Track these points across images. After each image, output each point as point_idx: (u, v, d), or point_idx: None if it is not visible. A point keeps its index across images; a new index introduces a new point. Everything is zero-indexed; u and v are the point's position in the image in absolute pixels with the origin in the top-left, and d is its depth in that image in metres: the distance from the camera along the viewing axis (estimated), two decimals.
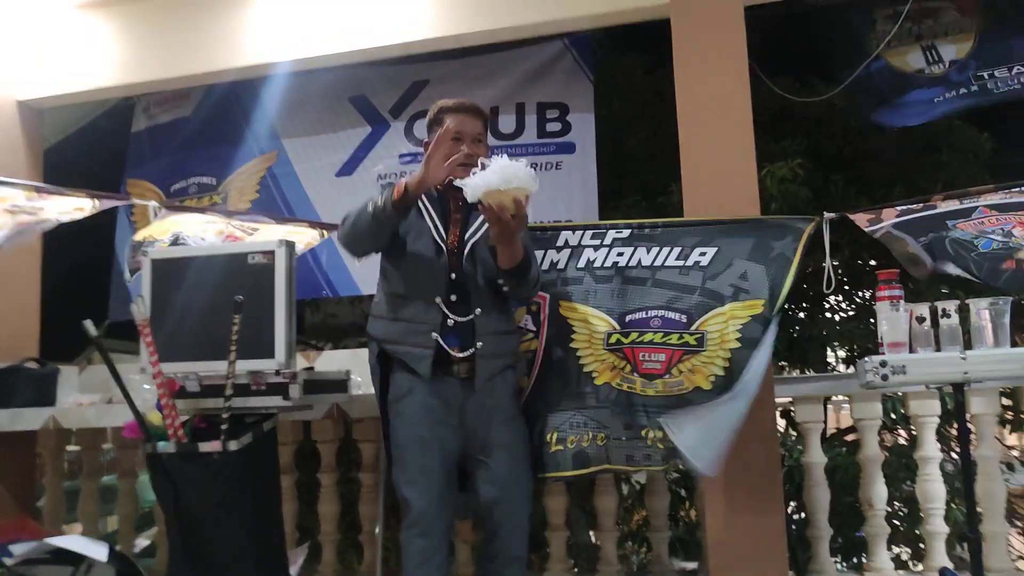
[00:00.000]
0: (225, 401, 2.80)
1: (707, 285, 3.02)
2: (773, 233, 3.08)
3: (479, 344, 2.65)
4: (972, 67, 4.08)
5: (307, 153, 4.91)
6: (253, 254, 2.97)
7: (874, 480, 3.44)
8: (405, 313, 2.70)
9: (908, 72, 4.20)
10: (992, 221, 3.03)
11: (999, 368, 2.48)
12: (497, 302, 2.75)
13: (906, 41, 4.21)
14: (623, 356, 3.01)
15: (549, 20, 3.97)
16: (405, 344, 2.68)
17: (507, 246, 2.57)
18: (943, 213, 3.10)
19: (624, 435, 2.96)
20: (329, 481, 3.82)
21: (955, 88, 4.11)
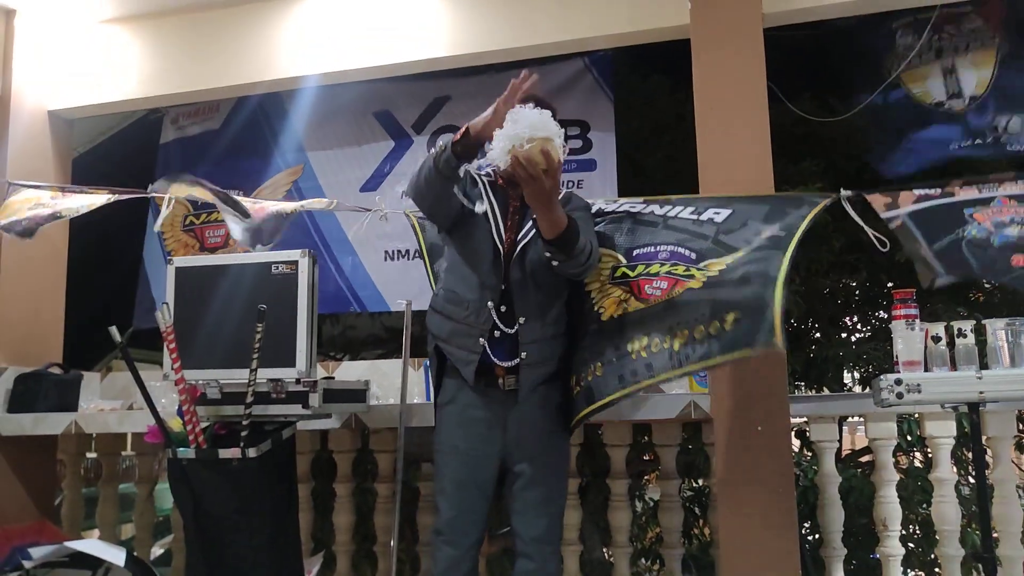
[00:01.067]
0: (246, 408, 2.84)
1: (720, 237, 2.85)
2: (789, 203, 2.99)
3: (523, 354, 2.63)
4: (990, 109, 4.08)
5: (332, 167, 4.98)
6: (276, 264, 3.03)
7: (889, 500, 3.43)
8: (458, 313, 2.68)
9: (927, 104, 4.21)
10: (1011, 210, 2.97)
11: (1015, 389, 2.48)
12: (544, 306, 2.70)
13: (927, 59, 4.22)
14: (627, 288, 2.82)
15: (569, 39, 4.02)
16: (453, 344, 2.68)
17: (544, 208, 2.43)
18: (961, 202, 3.04)
19: (614, 356, 2.74)
20: (345, 491, 3.84)
21: (972, 137, 4.11)
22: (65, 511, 4.16)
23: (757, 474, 3.25)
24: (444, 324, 2.71)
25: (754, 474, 3.25)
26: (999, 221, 2.98)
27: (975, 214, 3.03)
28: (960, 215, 3.04)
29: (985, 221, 2.99)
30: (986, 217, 3.01)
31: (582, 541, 3.70)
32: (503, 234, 2.67)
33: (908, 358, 2.62)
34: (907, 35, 4.21)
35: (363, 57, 4.25)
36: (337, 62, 4.28)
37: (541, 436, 2.71)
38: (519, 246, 2.67)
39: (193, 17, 4.46)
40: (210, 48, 4.44)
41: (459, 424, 2.68)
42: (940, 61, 4.20)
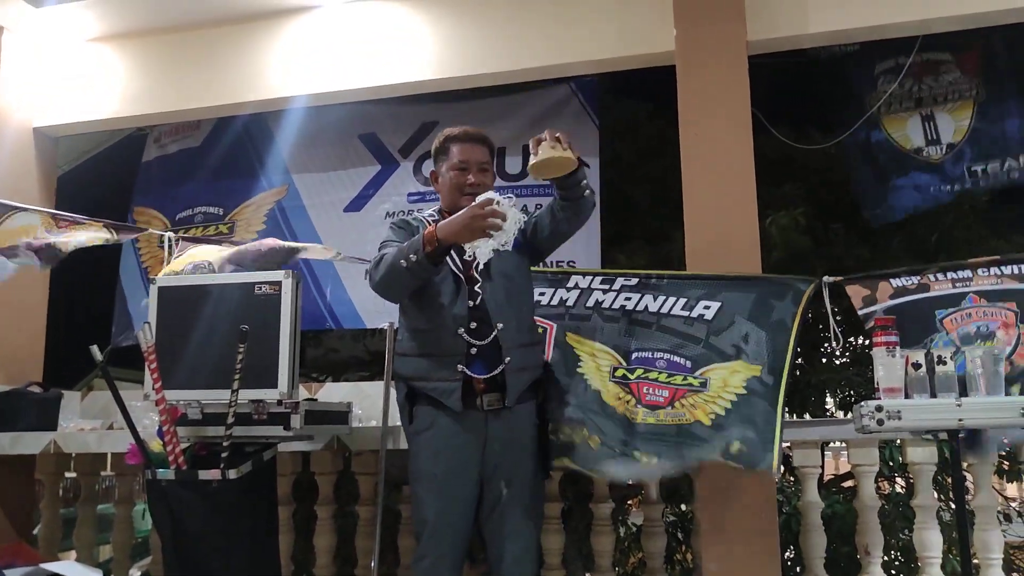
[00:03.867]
0: (226, 429, 2.82)
1: (711, 340, 3.13)
2: (774, 292, 3.19)
3: (507, 359, 2.65)
4: (967, 158, 4.19)
5: (316, 188, 4.97)
6: (260, 284, 3.01)
7: (871, 526, 3.44)
8: (429, 348, 2.69)
9: (907, 151, 4.30)
10: (979, 315, 3.12)
11: (993, 416, 2.50)
12: (518, 313, 2.75)
13: (907, 106, 4.31)
14: (628, 390, 3.07)
15: (556, 64, 4.07)
16: (432, 379, 2.67)
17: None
18: (933, 299, 3.21)
19: (618, 448, 2.96)
20: (326, 513, 3.81)
21: (950, 183, 4.23)
22: (42, 532, 4.10)
23: (740, 499, 3.25)
24: (417, 363, 2.72)
25: (737, 499, 3.25)
26: (965, 333, 3.12)
27: (945, 320, 3.18)
28: (932, 320, 3.19)
29: (953, 332, 3.14)
30: (955, 327, 3.16)
31: (565, 566, 3.68)
32: (459, 263, 2.72)
33: (889, 385, 2.63)
34: (889, 77, 4.32)
35: (350, 79, 4.28)
36: (324, 83, 4.31)
37: (522, 456, 2.72)
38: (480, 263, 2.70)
39: (180, 36, 4.48)
40: (196, 67, 4.45)
41: (438, 451, 2.67)
42: (919, 109, 4.31)
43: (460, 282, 2.70)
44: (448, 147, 2.79)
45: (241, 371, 2.81)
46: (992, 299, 3.19)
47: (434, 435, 2.68)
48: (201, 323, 3.03)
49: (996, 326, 3.12)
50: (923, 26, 3.80)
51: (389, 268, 2.60)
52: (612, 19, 3.95)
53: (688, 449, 2.94)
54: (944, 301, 3.23)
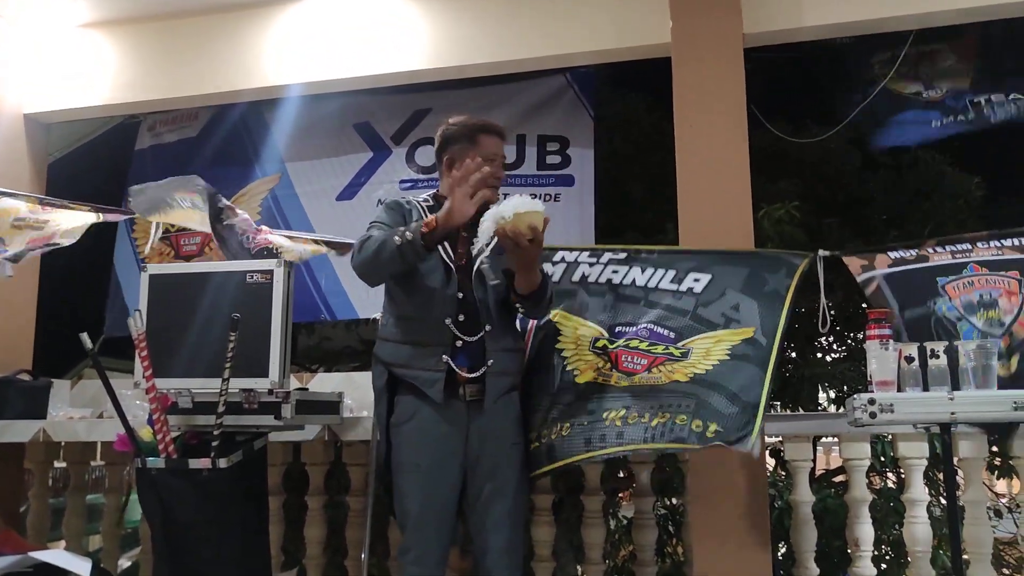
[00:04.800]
0: (217, 418, 2.81)
1: (699, 311, 3.05)
2: (767, 265, 3.12)
3: (490, 361, 2.64)
4: (968, 95, 4.14)
5: (309, 176, 4.96)
6: (252, 273, 2.99)
7: (861, 521, 3.44)
8: (414, 335, 2.67)
9: (905, 94, 4.27)
10: (981, 283, 3.09)
11: (985, 409, 2.50)
12: (505, 318, 2.74)
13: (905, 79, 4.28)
14: (607, 358, 3.02)
15: (552, 54, 4.05)
16: (414, 367, 2.66)
17: (527, 271, 2.60)
18: (934, 268, 3.17)
19: (586, 419, 2.90)
20: (317, 504, 3.80)
21: (952, 114, 4.17)
22: (31, 521, 4.08)
23: (731, 493, 3.25)
24: (399, 350, 2.70)
25: (728, 493, 3.26)
26: (968, 302, 3.10)
27: (947, 286, 3.15)
28: (934, 285, 3.16)
29: (956, 299, 3.11)
30: (957, 293, 3.13)
31: (555, 558, 3.69)
32: (451, 252, 2.70)
33: (882, 378, 2.63)
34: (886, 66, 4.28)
35: (344, 67, 4.25)
36: (318, 72, 4.28)
37: (504, 447, 2.71)
38: (477, 260, 2.69)
39: (172, 24, 4.44)
40: (189, 55, 4.42)
41: (421, 442, 2.65)
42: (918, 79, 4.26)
43: (451, 272, 2.68)
44: (477, 137, 2.74)
45: (232, 360, 2.79)
46: (994, 268, 3.16)
47: (416, 426, 2.66)
48: (192, 311, 3.01)
49: (999, 294, 3.10)
50: (920, 20, 3.79)
51: (379, 247, 2.55)
52: (608, 10, 3.94)
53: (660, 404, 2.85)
54: (945, 270, 3.20)
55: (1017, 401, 2.45)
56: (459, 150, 2.73)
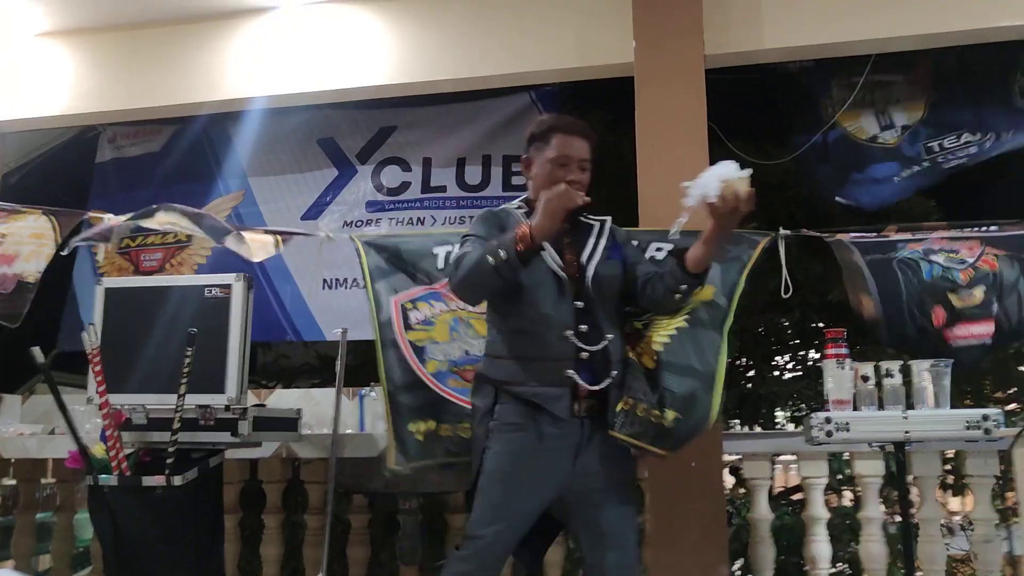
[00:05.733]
0: (172, 435, 2.77)
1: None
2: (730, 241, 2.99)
3: (614, 373, 2.50)
4: (923, 135, 4.23)
5: (273, 193, 4.91)
6: (210, 287, 2.97)
7: (818, 539, 3.47)
8: (532, 350, 2.49)
9: (862, 141, 4.34)
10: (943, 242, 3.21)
11: (939, 428, 2.54)
12: (620, 326, 2.61)
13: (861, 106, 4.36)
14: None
15: (516, 72, 4.07)
16: (534, 384, 2.47)
17: (723, 242, 2.51)
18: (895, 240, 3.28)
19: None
20: (274, 522, 3.76)
21: (909, 164, 4.24)
22: None
23: (690, 510, 3.26)
24: (515, 366, 2.50)
25: (687, 510, 3.26)
26: (929, 249, 3.19)
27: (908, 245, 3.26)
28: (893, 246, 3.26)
29: (917, 248, 3.21)
30: (919, 245, 3.24)
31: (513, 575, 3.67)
32: (559, 260, 2.54)
33: (838, 397, 2.67)
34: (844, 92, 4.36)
35: (308, 82, 4.23)
36: (281, 86, 4.25)
37: (618, 455, 2.53)
38: (589, 267, 2.56)
39: (133, 34, 4.38)
40: (150, 66, 4.37)
41: (522, 451, 2.45)
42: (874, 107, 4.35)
43: (563, 282, 2.51)
44: (549, 136, 2.58)
45: (188, 375, 2.76)
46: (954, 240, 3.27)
47: (519, 436, 2.46)
48: (149, 326, 2.98)
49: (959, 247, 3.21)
50: (877, 45, 3.87)
51: (474, 266, 2.39)
52: (572, 30, 3.96)
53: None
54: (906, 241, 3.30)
55: (969, 420, 2.49)
56: (535, 150, 2.61)
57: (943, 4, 3.65)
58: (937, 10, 3.65)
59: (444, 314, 3.22)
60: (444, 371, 3.14)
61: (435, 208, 4.68)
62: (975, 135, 4.17)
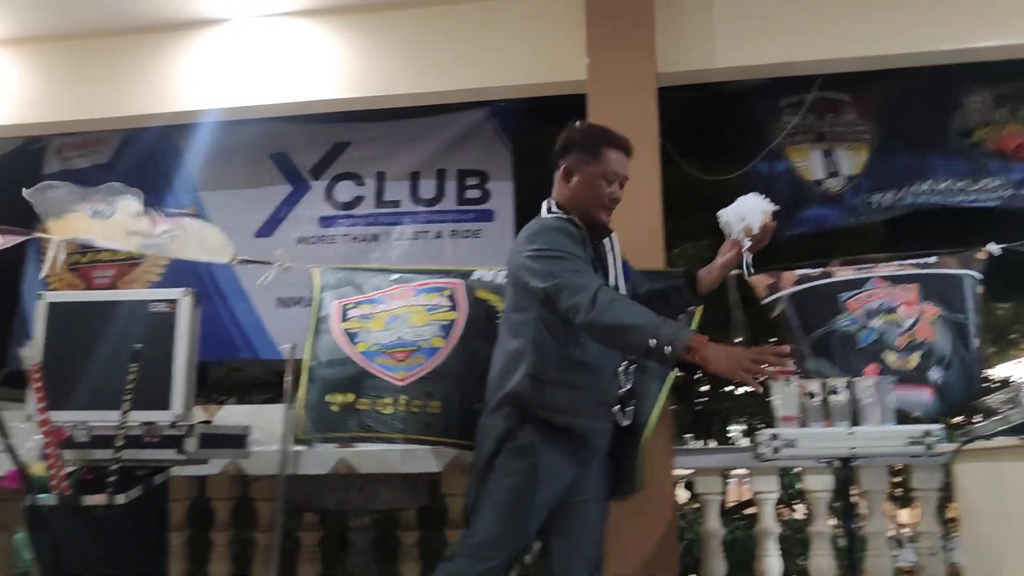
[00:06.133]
0: (115, 452, 2.71)
1: None
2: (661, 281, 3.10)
3: (633, 403, 2.58)
4: (865, 188, 4.37)
5: (225, 208, 4.82)
6: (155, 302, 2.92)
7: (769, 553, 3.50)
8: (591, 383, 2.48)
9: (808, 183, 4.45)
10: (882, 294, 3.21)
11: (883, 444, 2.58)
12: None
13: (809, 138, 4.47)
14: None
15: (471, 88, 4.08)
16: (581, 416, 2.46)
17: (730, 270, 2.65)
18: (837, 283, 3.31)
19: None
20: (223, 540, 3.71)
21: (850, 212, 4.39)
22: None
23: (642, 526, 3.27)
24: (566, 395, 2.45)
25: (639, 526, 3.27)
26: (869, 309, 3.23)
27: (849, 301, 3.30)
28: (835, 302, 3.31)
29: (857, 310, 3.22)
30: (859, 304, 3.26)
31: None
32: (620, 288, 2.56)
33: (785, 413, 2.69)
34: (791, 113, 4.47)
35: (260, 95, 4.21)
36: (233, 98, 4.22)
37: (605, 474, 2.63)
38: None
39: (82, 44, 4.32)
40: (98, 76, 4.31)
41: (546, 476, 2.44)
42: (820, 144, 4.47)
43: None
44: (599, 150, 2.53)
45: (132, 392, 2.70)
46: (895, 282, 3.31)
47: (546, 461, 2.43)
48: (92, 341, 2.92)
49: (898, 303, 3.24)
50: (822, 65, 3.95)
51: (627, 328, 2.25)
52: (526, 46, 3.99)
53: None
54: (848, 285, 3.35)
55: (911, 436, 2.53)
56: (578, 160, 2.55)
57: (886, 28, 3.75)
58: (880, 33, 3.76)
59: (383, 312, 3.31)
60: (374, 351, 3.24)
61: (389, 223, 4.66)
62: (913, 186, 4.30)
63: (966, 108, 4.34)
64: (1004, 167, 4.22)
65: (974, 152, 4.28)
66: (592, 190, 2.52)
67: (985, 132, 4.28)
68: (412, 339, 3.19)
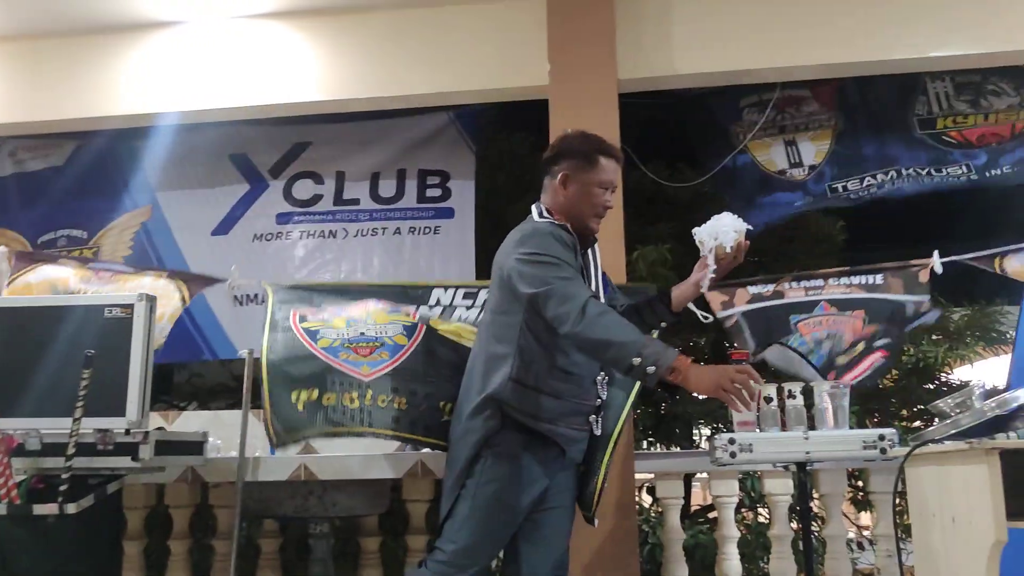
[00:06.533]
0: (67, 460, 2.66)
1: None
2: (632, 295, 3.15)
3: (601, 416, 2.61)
4: (828, 176, 4.39)
5: (182, 209, 4.78)
6: (110, 307, 2.88)
7: (730, 556, 3.52)
8: (570, 391, 2.50)
9: (772, 172, 4.47)
10: (829, 323, 3.29)
11: (838, 448, 2.60)
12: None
13: (771, 132, 4.49)
14: None
15: (433, 92, 4.09)
16: (562, 424, 2.49)
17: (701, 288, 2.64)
18: (788, 305, 3.38)
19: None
20: (181, 548, 3.65)
21: (812, 196, 4.42)
22: None
23: (601, 529, 3.27)
24: (548, 403, 2.46)
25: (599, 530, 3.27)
26: (817, 337, 3.32)
27: (800, 324, 3.39)
28: (787, 323, 3.39)
29: (807, 335, 3.32)
30: (808, 330, 3.35)
31: None
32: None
33: (742, 419, 2.70)
34: (753, 112, 4.50)
35: (220, 96, 4.17)
36: (193, 101, 4.18)
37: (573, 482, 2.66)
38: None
39: (36, 45, 4.26)
40: (55, 78, 4.25)
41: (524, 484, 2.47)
42: (783, 135, 4.48)
43: None
44: (595, 158, 2.56)
45: (85, 398, 2.66)
46: (842, 308, 3.38)
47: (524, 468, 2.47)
48: (44, 347, 2.87)
49: (842, 333, 3.30)
50: (780, 73, 4.01)
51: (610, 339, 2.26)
52: (489, 51, 4.00)
53: None
54: (798, 307, 3.43)
55: (866, 440, 2.55)
56: (574, 167, 2.56)
57: (844, 36, 3.81)
58: (838, 41, 3.81)
59: (340, 317, 3.30)
60: (337, 346, 3.22)
61: (347, 220, 4.63)
62: (876, 178, 4.34)
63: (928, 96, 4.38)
64: (967, 155, 4.26)
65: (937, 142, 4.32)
66: (590, 198, 2.56)
67: (948, 122, 4.33)
68: (375, 335, 3.20)
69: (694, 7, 3.90)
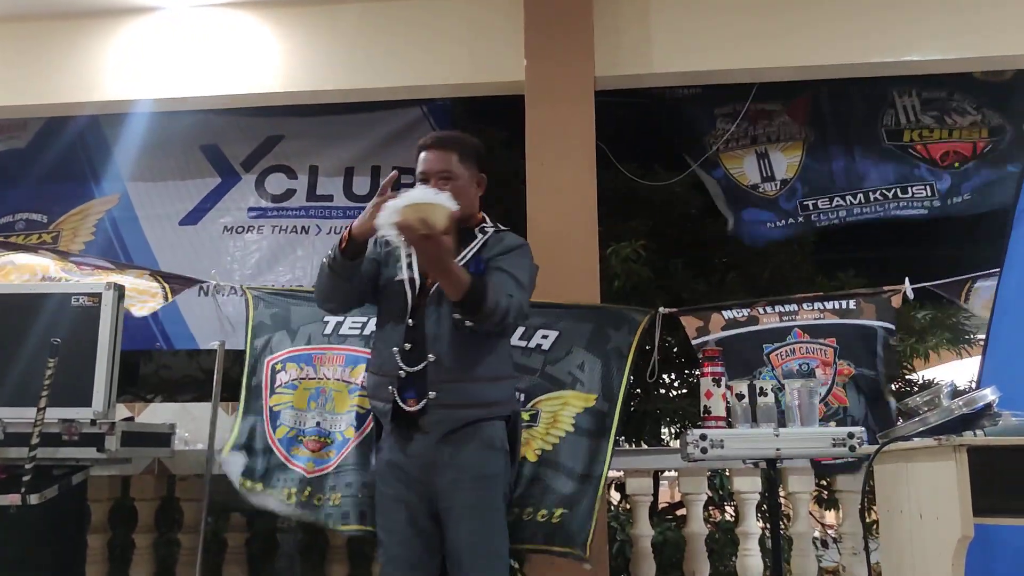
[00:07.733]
0: (31, 450, 2.62)
1: (547, 370, 3.15)
2: (611, 321, 3.25)
3: (432, 394, 2.47)
4: (799, 193, 4.46)
5: (151, 199, 4.70)
6: (77, 296, 2.85)
7: (698, 554, 3.54)
8: (376, 364, 2.65)
9: (745, 187, 4.52)
10: (801, 352, 3.38)
11: (808, 445, 2.62)
12: (468, 346, 2.53)
13: (743, 144, 4.54)
14: None
15: (406, 85, 4.05)
16: (376, 398, 2.63)
17: (438, 272, 2.40)
18: (762, 332, 3.44)
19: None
20: (145, 542, 3.61)
21: (784, 217, 4.47)
22: None
23: None
24: (369, 379, 2.69)
25: None
26: (788, 370, 3.37)
27: (771, 355, 3.42)
28: (760, 353, 3.42)
29: (778, 368, 3.39)
30: (780, 362, 3.40)
31: None
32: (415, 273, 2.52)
33: (714, 414, 2.72)
34: (727, 121, 4.55)
35: (192, 86, 4.11)
36: (164, 89, 4.11)
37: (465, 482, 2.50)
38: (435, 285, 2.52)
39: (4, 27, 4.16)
40: (23, 62, 4.15)
41: (386, 470, 2.59)
42: (755, 147, 4.53)
43: (406, 299, 2.56)
44: (417, 155, 2.70)
45: (50, 388, 2.62)
46: (815, 334, 3.41)
47: (381, 457, 2.63)
48: (9, 334, 2.83)
49: (816, 364, 3.34)
50: (757, 74, 4.03)
51: (319, 272, 2.61)
52: (465, 45, 3.97)
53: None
54: (771, 335, 3.45)
55: (835, 438, 2.58)
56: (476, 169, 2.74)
57: (819, 39, 3.84)
58: (814, 44, 3.84)
59: (309, 380, 3.29)
60: (291, 438, 3.24)
61: (321, 217, 4.59)
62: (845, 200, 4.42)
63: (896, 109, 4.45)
64: (933, 174, 4.34)
65: (904, 155, 4.39)
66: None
67: (915, 135, 4.40)
68: (328, 429, 3.23)
69: (672, 6, 3.91)
